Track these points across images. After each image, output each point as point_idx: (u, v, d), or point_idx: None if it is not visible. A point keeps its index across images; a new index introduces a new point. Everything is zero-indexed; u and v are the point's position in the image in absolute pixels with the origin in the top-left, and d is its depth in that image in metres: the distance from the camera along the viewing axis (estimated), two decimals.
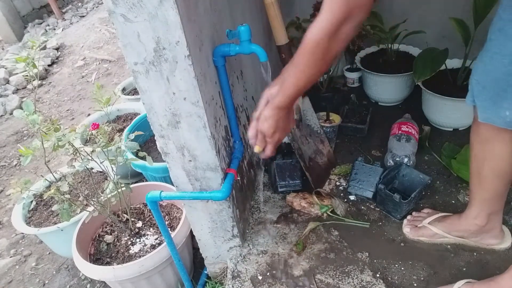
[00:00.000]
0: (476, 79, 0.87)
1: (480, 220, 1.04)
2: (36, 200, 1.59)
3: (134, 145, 1.16)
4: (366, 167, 1.30)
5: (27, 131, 2.87)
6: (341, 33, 0.67)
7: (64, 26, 4.77)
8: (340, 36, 0.68)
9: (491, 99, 0.83)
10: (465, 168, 1.31)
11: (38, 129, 0.98)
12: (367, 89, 1.83)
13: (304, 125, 1.36)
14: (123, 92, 2.46)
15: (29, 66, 1.03)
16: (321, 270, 1.09)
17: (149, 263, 1.17)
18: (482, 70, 0.85)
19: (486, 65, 0.83)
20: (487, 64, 0.83)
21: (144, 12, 0.70)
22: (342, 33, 0.67)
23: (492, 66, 0.81)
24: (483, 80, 0.85)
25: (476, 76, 0.87)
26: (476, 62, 0.87)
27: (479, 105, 0.88)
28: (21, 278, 1.63)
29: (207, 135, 0.87)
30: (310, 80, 0.77)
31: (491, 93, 0.83)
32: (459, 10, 1.55)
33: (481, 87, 0.85)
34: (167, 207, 1.46)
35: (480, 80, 0.85)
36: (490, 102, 0.84)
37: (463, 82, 1.52)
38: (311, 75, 0.76)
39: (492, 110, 0.84)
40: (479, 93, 0.86)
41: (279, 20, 1.22)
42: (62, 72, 3.74)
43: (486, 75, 0.84)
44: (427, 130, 1.51)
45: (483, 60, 0.84)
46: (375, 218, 1.23)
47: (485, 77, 0.84)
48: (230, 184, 0.96)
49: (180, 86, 0.79)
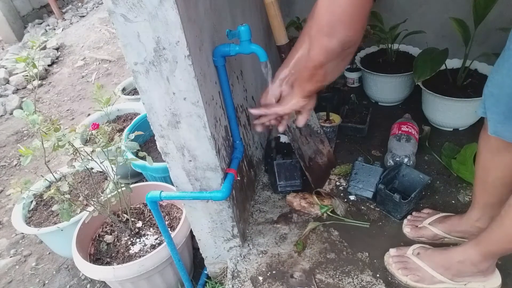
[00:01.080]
0: (490, 91, 0.81)
1: (482, 222, 1.04)
2: (36, 200, 1.59)
3: (134, 145, 1.16)
4: (366, 167, 1.30)
5: (27, 131, 2.87)
6: (325, 43, 0.65)
7: (64, 26, 4.77)
8: (325, 46, 0.65)
9: (504, 114, 0.78)
10: (465, 168, 1.31)
11: (38, 129, 0.98)
12: (367, 89, 1.83)
13: (304, 125, 1.36)
14: (123, 92, 2.46)
15: (29, 66, 1.03)
16: (321, 270, 1.09)
17: (149, 263, 1.17)
18: (498, 82, 0.78)
19: (504, 77, 0.76)
20: (504, 76, 0.76)
21: (144, 12, 0.70)
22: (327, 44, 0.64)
23: (510, 80, 0.75)
24: (497, 93, 0.79)
25: (491, 87, 0.81)
26: (492, 72, 0.81)
27: (490, 118, 0.83)
28: (21, 278, 1.63)
29: (207, 135, 0.87)
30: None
31: (505, 108, 0.78)
32: (459, 10, 1.56)
33: (494, 99, 0.80)
34: (167, 207, 1.46)
35: (494, 93, 0.80)
36: (502, 116, 0.79)
37: (463, 82, 1.52)
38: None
39: (503, 124, 0.80)
40: (492, 105, 0.81)
41: (279, 20, 1.22)
42: (62, 72, 3.74)
43: (502, 88, 0.77)
44: (427, 130, 1.51)
45: (500, 71, 0.77)
46: (375, 218, 1.23)
47: (500, 90, 0.78)
48: (230, 184, 0.96)
49: (180, 86, 0.79)
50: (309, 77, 0.77)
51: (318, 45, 0.67)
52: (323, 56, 0.68)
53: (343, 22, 0.62)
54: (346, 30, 0.62)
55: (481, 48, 1.55)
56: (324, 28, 0.63)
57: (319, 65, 0.71)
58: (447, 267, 0.98)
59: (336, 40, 0.64)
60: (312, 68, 0.73)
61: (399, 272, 1.02)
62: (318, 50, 0.68)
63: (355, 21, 0.62)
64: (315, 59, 0.70)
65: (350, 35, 0.63)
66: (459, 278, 0.97)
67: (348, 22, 0.62)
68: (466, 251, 0.96)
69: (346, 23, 0.62)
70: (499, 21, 1.55)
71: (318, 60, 0.70)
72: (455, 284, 0.98)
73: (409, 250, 1.06)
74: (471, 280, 0.97)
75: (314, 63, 0.71)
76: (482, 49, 1.51)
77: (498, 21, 1.54)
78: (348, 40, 0.64)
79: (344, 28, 0.62)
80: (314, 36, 0.67)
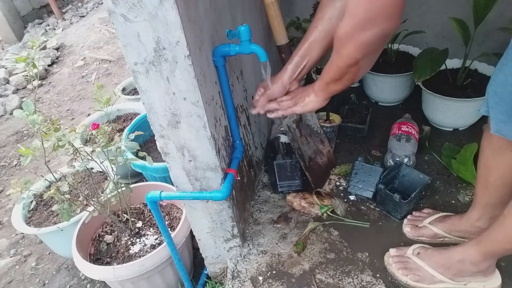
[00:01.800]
0: (494, 90, 0.81)
1: (482, 222, 1.04)
2: (36, 200, 1.59)
3: (134, 145, 1.16)
4: (366, 167, 1.30)
5: (27, 131, 2.87)
6: (363, 38, 0.64)
7: (64, 26, 4.78)
8: (363, 41, 0.65)
9: (507, 112, 0.79)
10: (465, 168, 1.31)
11: (38, 129, 0.98)
12: (367, 89, 1.83)
13: (304, 125, 1.36)
14: (123, 92, 2.46)
15: (29, 66, 1.03)
16: (321, 270, 1.09)
17: (149, 263, 1.17)
18: (501, 81, 0.78)
19: (507, 76, 0.76)
20: (508, 76, 0.76)
21: (144, 12, 0.70)
22: (365, 39, 0.64)
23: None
24: (500, 92, 0.79)
25: (494, 86, 0.81)
26: (496, 71, 0.81)
27: (493, 117, 0.83)
28: (21, 278, 1.63)
29: (207, 135, 0.87)
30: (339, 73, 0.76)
31: (508, 107, 0.78)
32: (459, 10, 1.56)
33: (498, 98, 0.80)
34: (167, 207, 1.46)
35: (498, 92, 0.80)
36: (505, 115, 0.79)
37: (463, 82, 1.52)
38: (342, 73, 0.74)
39: (506, 123, 0.80)
40: (495, 104, 0.81)
41: (279, 20, 1.22)
42: (62, 72, 3.74)
43: (505, 87, 0.77)
44: (427, 130, 1.51)
45: (503, 70, 0.77)
46: (375, 218, 1.23)
47: (504, 89, 0.78)
48: (230, 184, 0.96)
49: (180, 86, 0.79)
50: (339, 77, 0.76)
51: (354, 43, 0.67)
52: (360, 53, 0.68)
53: (384, 13, 0.61)
54: (388, 21, 0.62)
55: (481, 48, 1.55)
56: (363, 23, 0.63)
57: (354, 62, 0.71)
58: (447, 266, 0.98)
59: (375, 33, 0.63)
60: (345, 67, 0.72)
61: (399, 272, 1.02)
62: (354, 47, 0.67)
63: (397, 10, 0.62)
64: (349, 57, 0.70)
65: (390, 26, 0.62)
66: (459, 278, 0.97)
67: (390, 13, 0.61)
68: (466, 250, 0.96)
69: (387, 13, 0.61)
70: (499, 21, 1.55)
71: (353, 58, 0.70)
72: (455, 284, 0.98)
73: (409, 250, 1.06)
74: (471, 280, 0.97)
75: (348, 62, 0.71)
76: (482, 49, 1.51)
77: (498, 21, 1.54)
78: (388, 31, 0.64)
79: (386, 19, 0.62)
80: (346, 34, 0.66)
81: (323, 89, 0.89)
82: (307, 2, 1.68)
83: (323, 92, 0.90)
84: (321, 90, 0.90)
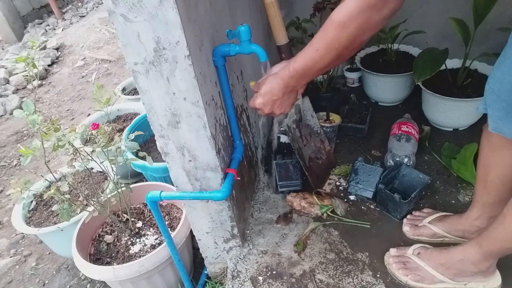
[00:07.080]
0: (491, 87, 0.81)
1: (481, 222, 1.04)
2: (36, 200, 1.59)
3: (134, 145, 1.16)
4: (366, 167, 1.30)
5: (27, 131, 2.87)
6: (369, 20, 0.65)
7: (64, 26, 4.78)
8: (367, 23, 0.66)
9: (505, 109, 0.79)
10: (465, 168, 1.31)
11: (38, 129, 0.98)
12: (367, 89, 1.83)
13: (304, 125, 1.36)
14: (123, 92, 2.46)
15: (29, 66, 1.03)
16: (321, 270, 1.09)
17: (149, 263, 1.17)
18: (498, 78, 0.79)
19: (504, 74, 0.77)
20: (505, 73, 0.77)
21: (144, 12, 0.70)
22: (370, 19, 0.65)
23: (510, 76, 0.75)
24: (498, 89, 0.79)
25: (492, 84, 0.81)
26: (493, 69, 0.81)
27: (491, 114, 0.84)
28: (21, 278, 1.63)
29: (207, 135, 0.87)
30: (321, 63, 0.74)
31: (505, 104, 0.78)
32: (459, 10, 1.56)
33: (495, 96, 0.80)
34: (167, 207, 1.46)
35: (495, 89, 0.80)
36: (503, 112, 0.80)
37: (463, 82, 1.52)
38: (325, 59, 0.73)
39: (504, 121, 0.81)
40: (493, 102, 0.82)
41: (279, 20, 1.22)
42: (62, 72, 3.75)
43: (503, 85, 0.78)
44: (427, 130, 1.51)
45: (501, 68, 0.78)
46: (375, 218, 1.23)
47: (501, 87, 0.78)
48: (230, 184, 0.96)
49: (180, 86, 0.79)
50: (336, 59, 0.75)
51: (362, 23, 0.67)
52: (368, 33, 0.69)
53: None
54: (397, 1, 0.65)
55: (481, 48, 1.55)
56: (378, 4, 0.64)
57: (361, 43, 0.71)
58: (448, 266, 0.98)
59: (384, 13, 0.65)
60: (352, 50, 0.72)
61: (400, 272, 1.02)
62: (362, 28, 0.68)
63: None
64: (359, 39, 0.70)
65: (397, 5, 0.65)
66: (460, 278, 0.97)
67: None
68: (466, 250, 0.96)
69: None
70: (499, 21, 1.55)
71: (361, 40, 0.70)
72: (456, 284, 0.98)
73: (410, 250, 1.06)
74: (471, 280, 0.97)
75: (356, 44, 0.71)
76: (482, 49, 1.51)
77: (498, 21, 1.54)
78: (394, 11, 0.66)
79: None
80: (355, 17, 0.67)
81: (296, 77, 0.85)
82: (307, 2, 1.68)
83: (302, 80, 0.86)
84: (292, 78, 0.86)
